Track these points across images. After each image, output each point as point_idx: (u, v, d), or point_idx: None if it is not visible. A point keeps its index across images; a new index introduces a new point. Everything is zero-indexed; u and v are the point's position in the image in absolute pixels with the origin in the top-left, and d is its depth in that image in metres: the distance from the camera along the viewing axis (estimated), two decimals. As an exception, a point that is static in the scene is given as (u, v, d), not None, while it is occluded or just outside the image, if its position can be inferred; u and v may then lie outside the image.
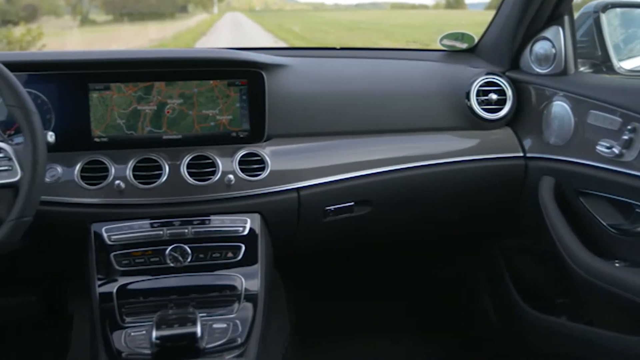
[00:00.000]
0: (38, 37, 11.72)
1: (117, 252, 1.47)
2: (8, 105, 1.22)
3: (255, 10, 34.42)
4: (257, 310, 1.43)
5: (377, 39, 17.44)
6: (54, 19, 20.54)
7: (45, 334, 2.14)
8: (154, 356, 1.26)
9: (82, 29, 19.19)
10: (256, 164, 1.56)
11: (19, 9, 18.10)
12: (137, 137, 1.57)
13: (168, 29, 20.06)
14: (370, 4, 34.71)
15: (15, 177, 1.20)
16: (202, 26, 22.02)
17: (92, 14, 22.36)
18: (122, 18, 21.34)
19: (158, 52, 1.71)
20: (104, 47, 12.91)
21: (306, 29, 22.42)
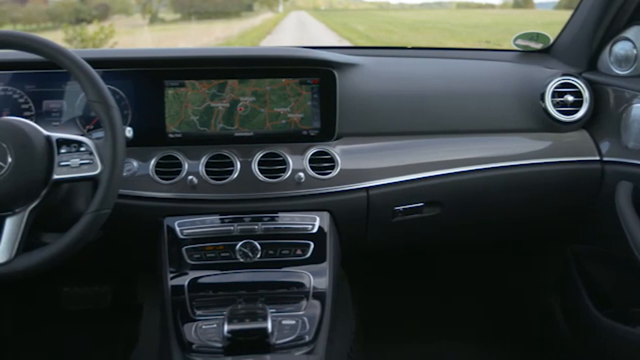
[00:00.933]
0: (110, 35, 12.03)
1: (188, 246, 1.50)
2: (90, 101, 1.26)
3: (319, 9, 34.51)
4: (325, 308, 1.44)
5: (442, 38, 17.23)
6: (125, 17, 21.08)
7: (117, 324, 2.21)
8: (225, 349, 1.28)
9: (152, 27, 19.62)
10: (326, 163, 1.57)
11: (91, 7, 18.66)
12: (210, 133, 1.60)
13: (234, 27, 20.33)
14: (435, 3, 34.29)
15: (95, 170, 1.23)
16: (267, 25, 22.23)
17: (161, 13, 22.84)
18: (190, 17, 21.71)
19: (232, 50, 1.74)
20: (172, 45, 13.17)
21: (370, 28, 22.34)
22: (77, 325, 2.23)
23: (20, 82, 1.57)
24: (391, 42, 17.01)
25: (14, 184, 1.20)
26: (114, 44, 11.45)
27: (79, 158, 1.24)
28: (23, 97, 1.57)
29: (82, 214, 1.25)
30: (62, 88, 1.59)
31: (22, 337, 2.19)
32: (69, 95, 1.58)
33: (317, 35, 19.24)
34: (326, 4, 36.00)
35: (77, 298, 2.21)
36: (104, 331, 2.20)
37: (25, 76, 1.58)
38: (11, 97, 1.56)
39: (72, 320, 2.24)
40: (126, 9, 21.99)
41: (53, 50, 1.25)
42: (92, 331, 2.21)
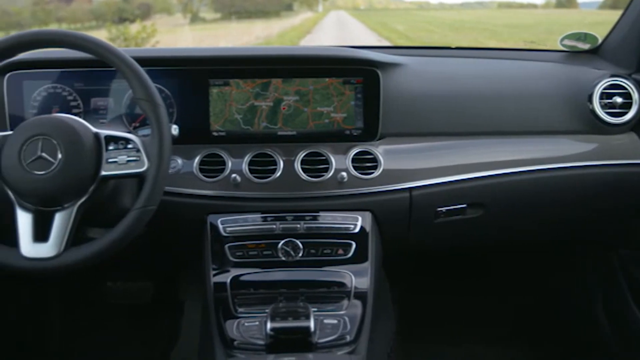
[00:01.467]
0: (152, 34, 12.20)
1: (231, 243, 1.51)
2: (137, 99, 1.28)
3: (359, 9, 34.48)
4: (367, 308, 1.44)
5: (483, 38, 17.06)
6: (166, 16, 21.34)
7: (158, 319, 2.24)
8: (267, 347, 1.29)
9: (193, 27, 19.83)
10: (369, 162, 1.56)
11: (134, 7, 18.94)
12: (253, 132, 1.61)
13: (274, 26, 20.42)
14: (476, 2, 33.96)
15: (142, 167, 1.25)
16: (306, 24, 22.29)
17: (202, 12, 23.07)
18: (230, 16, 21.89)
19: (276, 50, 1.75)
20: (212, 44, 13.29)
21: (410, 27, 22.24)
22: (120, 319, 2.27)
23: (69, 79, 1.60)
24: (431, 42, 16.90)
25: (63, 180, 1.22)
26: (156, 42, 11.61)
27: (126, 155, 1.26)
28: (72, 95, 1.60)
29: (128, 210, 1.27)
30: (109, 86, 1.61)
31: (67, 329, 2.24)
32: (116, 93, 1.61)
33: (357, 35, 19.22)
34: (366, 4, 35.94)
35: (120, 293, 2.25)
36: (145, 326, 2.24)
37: (74, 74, 1.61)
38: (60, 95, 1.60)
39: (115, 314, 2.28)
40: (168, 8, 22.26)
41: (103, 48, 1.27)
42: (134, 325, 2.25)
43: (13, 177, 1.23)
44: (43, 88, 1.60)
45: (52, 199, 1.24)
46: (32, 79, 1.60)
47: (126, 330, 2.25)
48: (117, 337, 2.24)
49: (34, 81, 1.60)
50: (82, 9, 20.89)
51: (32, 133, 1.24)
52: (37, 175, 1.22)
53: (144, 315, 2.27)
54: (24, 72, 1.59)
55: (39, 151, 1.23)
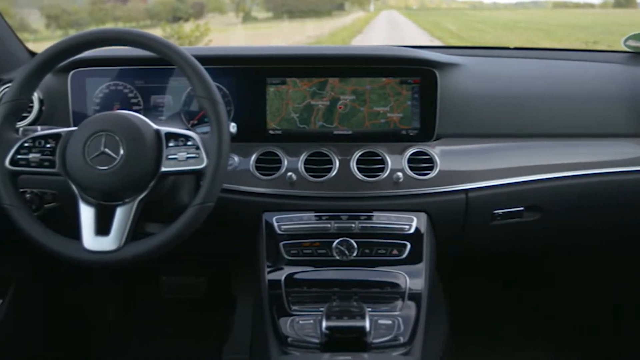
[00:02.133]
0: (205, 32, 12.34)
1: (285, 241, 1.52)
2: (198, 97, 1.29)
3: (411, 8, 34.28)
4: (421, 310, 1.43)
5: (537, 38, 16.78)
6: (219, 15, 21.61)
7: (211, 314, 2.27)
8: (322, 345, 1.29)
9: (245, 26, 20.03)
10: (425, 163, 1.55)
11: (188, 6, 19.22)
12: (309, 131, 1.62)
13: (325, 26, 20.48)
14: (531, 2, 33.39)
15: (201, 164, 1.26)
16: (358, 24, 22.27)
17: (254, 11, 23.30)
18: (282, 15, 22.03)
19: (334, 49, 1.75)
20: (264, 43, 13.39)
21: (462, 27, 22.01)
22: (174, 313, 2.31)
23: (130, 77, 1.64)
24: (483, 42, 16.69)
25: (125, 175, 1.25)
26: (209, 41, 11.74)
27: (186, 152, 1.27)
28: (133, 92, 1.63)
29: (184, 207, 1.29)
30: (169, 83, 1.64)
31: (122, 322, 2.29)
32: (175, 90, 1.64)
33: (408, 35, 19.13)
34: (418, 3, 35.70)
35: (175, 287, 2.29)
36: (198, 320, 2.27)
37: (135, 72, 1.64)
38: (122, 92, 1.63)
39: (169, 308, 2.32)
40: (220, 7, 22.53)
41: (166, 47, 1.29)
42: (187, 320, 2.28)
43: (77, 171, 1.26)
44: (105, 85, 1.63)
45: (113, 193, 1.27)
46: (94, 77, 1.64)
47: (180, 324, 2.29)
48: (170, 331, 2.28)
49: (97, 78, 1.64)
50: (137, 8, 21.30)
51: (95, 129, 1.27)
52: (99, 170, 1.24)
53: (197, 310, 2.31)
54: (87, 70, 1.63)
55: (102, 147, 1.25)
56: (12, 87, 1.31)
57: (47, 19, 18.07)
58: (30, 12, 15.65)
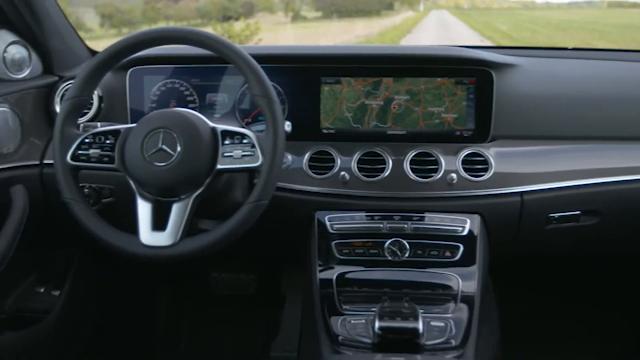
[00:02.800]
0: (255, 31, 12.44)
1: (337, 240, 1.51)
2: (254, 95, 1.30)
3: (461, 8, 33.91)
4: (474, 313, 1.41)
5: (591, 39, 16.42)
6: (268, 15, 21.77)
7: (260, 311, 2.29)
8: (374, 346, 1.28)
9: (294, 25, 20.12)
10: (479, 165, 1.53)
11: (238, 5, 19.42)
12: (363, 130, 1.61)
13: (374, 25, 20.43)
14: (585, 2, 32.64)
15: (256, 162, 1.27)
16: (407, 23, 22.15)
17: (303, 11, 23.40)
18: (331, 14, 22.08)
19: (388, 49, 1.74)
20: (313, 42, 13.43)
21: (513, 27, 21.69)
22: (223, 309, 2.33)
23: (186, 75, 1.66)
24: (536, 42, 16.41)
25: (181, 172, 1.26)
26: (259, 40, 11.83)
27: (242, 150, 1.28)
28: (189, 90, 1.65)
29: (238, 204, 1.30)
30: (224, 82, 1.66)
31: (173, 316, 2.33)
32: (230, 88, 1.65)
33: (458, 35, 18.94)
34: (468, 3, 35.31)
35: (225, 283, 2.31)
36: (247, 317, 2.29)
37: (191, 70, 1.66)
38: (178, 90, 1.66)
39: (219, 304, 2.35)
40: (270, 6, 22.70)
41: (223, 45, 1.30)
42: (236, 316, 2.31)
43: (135, 167, 1.29)
44: (162, 83, 1.66)
45: (170, 189, 1.28)
46: (152, 75, 1.67)
47: (229, 320, 2.31)
48: (220, 326, 2.31)
49: (154, 76, 1.67)
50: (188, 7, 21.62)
51: (154, 126, 1.29)
52: (157, 167, 1.26)
53: (247, 306, 2.33)
54: (144, 68, 1.66)
55: (160, 143, 1.27)
56: (74, 84, 1.34)
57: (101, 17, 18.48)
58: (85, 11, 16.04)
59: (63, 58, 1.76)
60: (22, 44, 1.67)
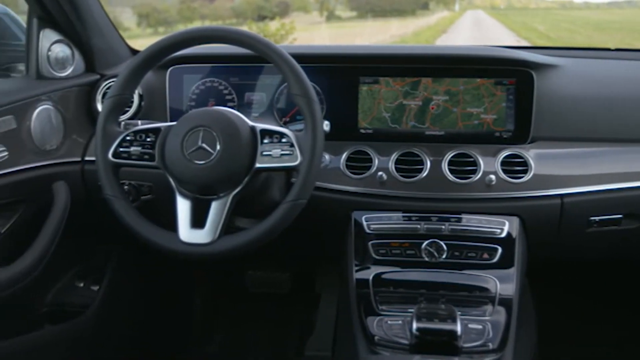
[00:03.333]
0: (290, 31, 12.50)
1: (374, 241, 1.51)
2: (293, 94, 1.30)
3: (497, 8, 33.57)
4: (512, 317, 1.39)
5: (632, 40, 16.14)
6: (303, 14, 21.83)
7: (294, 309, 2.29)
8: (411, 347, 1.27)
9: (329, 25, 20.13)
10: (519, 166, 1.51)
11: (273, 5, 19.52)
12: (401, 131, 1.61)
13: (409, 25, 20.35)
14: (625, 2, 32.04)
15: (295, 161, 1.27)
16: (442, 23, 22.00)
17: (337, 10, 23.41)
18: (366, 14, 22.05)
19: (428, 49, 1.73)
20: (347, 41, 13.42)
21: (551, 27, 21.41)
22: (258, 307, 2.35)
23: (225, 74, 1.67)
24: (574, 42, 16.17)
25: (220, 170, 1.27)
26: (293, 39, 11.87)
27: (280, 149, 1.28)
28: (227, 89, 1.67)
29: (275, 203, 1.30)
30: (262, 81, 1.67)
31: (209, 312, 2.35)
32: (268, 88, 1.66)
33: (494, 35, 18.77)
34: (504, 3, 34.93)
35: (260, 282, 2.33)
36: (282, 315, 2.30)
37: (230, 69, 1.68)
38: (217, 88, 1.67)
39: (254, 302, 2.36)
40: (305, 6, 22.77)
41: (263, 45, 1.31)
42: (271, 314, 2.32)
43: (175, 165, 1.30)
44: (201, 82, 1.68)
45: (209, 187, 1.29)
46: (191, 73, 1.68)
47: (264, 318, 2.32)
48: (254, 324, 2.32)
49: (193, 75, 1.68)
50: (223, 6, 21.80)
51: (194, 124, 1.30)
52: (196, 165, 1.27)
53: (281, 305, 2.34)
54: (184, 67, 1.68)
55: (200, 142, 1.28)
56: (116, 83, 1.36)
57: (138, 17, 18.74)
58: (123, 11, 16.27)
59: (105, 57, 1.79)
60: (66, 43, 1.70)
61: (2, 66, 1.73)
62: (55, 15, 1.64)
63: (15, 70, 1.75)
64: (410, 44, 11.40)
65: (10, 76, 1.74)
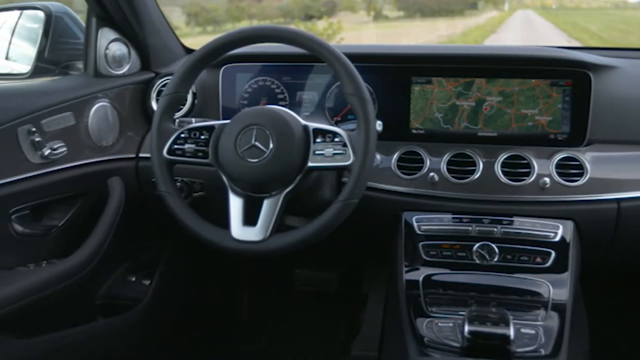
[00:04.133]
0: (338, 30, 12.48)
1: (425, 242, 1.50)
2: (347, 94, 1.30)
3: (547, 7, 32.95)
4: (565, 322, 1.36)
5: (690, 40, 15.66)
6: (350, 14, 21.81)
7: (341, 309, 2.29)
8: (463, 350, 1.26)
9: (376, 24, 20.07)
10: (574, 169, 1.48)
11: (320, 4, 19.56)
12: (453, 131, 1.59)
13: (457, 25, 20.13)
14: (684, 1, 31.11)
15: (347, 161, 1.27)
16: (491, 23, 21.71)
17: (385, 10, 23.31)
18: (414, 14, 21.93)
19: (482, 49, 1.72)
20: (395, 41, 13.36)
21: (603, 27, 20.89)
22: (305, 305, 2.35)
23: (277, 73, 1.69)
24: (627, 43, 15.77)
25: (273, 169, 1.28)
26: (341, 39, 11.85)
27: (333, 148, 1.28)
28: (279, 88, 1.68)
29: (326, 202, 1.30)
30: (314, 80, 1.67)
31: (256, 309, 2.37)
32: (320, 87, 1.67)
33: (544, 35, 18.42)
34: (556, 3, 34.29)
35: (307, 280, 2.33)
36: (328, 314, 2.30)
37: (282, 68, 1.69)
38: (269, 87, 1.68)
39: (301, 301, 2.37)
40: (352, 5, 22.75)
41: (317, 44, 1.31)
42: (317, 313, 2.32)
43: (228, 163, 1.31)
44: (253, 80, 1.69)
45: (261, 186, 1.30)
46: (244, 72, 1.70)
47: (310, 317, 2.33)
48: (301, 322, 2.33)
49: (246, 74, 1.70)
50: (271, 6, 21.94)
51: (247, 123, 1.31)
52: (249, 163, 1.28)
53: (328, 304, 2.34)
54: (237, 65, 1.70)
55: (253, 140, 1.29)
56: (172, 81, 1.38)
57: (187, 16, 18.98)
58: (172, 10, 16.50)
59: (159, 55, 1.82)
60: (123, 42, 1.73)
61: (61, 64, 1.77)
62: (114, 15, 1.67)
63: (74, 68, 1.79)
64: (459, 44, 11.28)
65: (69, 74, 1.78)
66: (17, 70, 1.79)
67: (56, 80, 1.69)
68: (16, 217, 1.45)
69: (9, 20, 1.85)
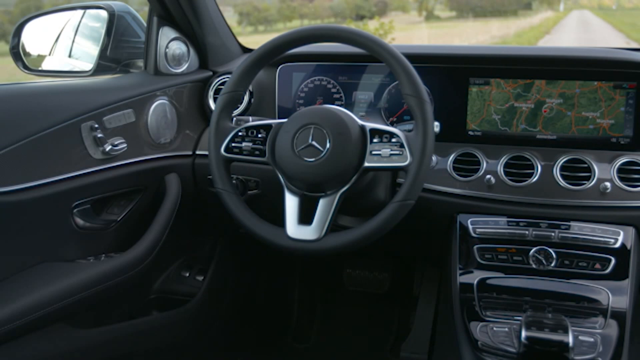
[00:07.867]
0: (389, 30, 12.44)
1: (480, 245, 1.48)
2: (405, 94, 1.29)
3: (605, 8, 32.17)
4: (625, 331, 1.33)
5: None
6: (401, 14, 21.71)
7: (392, 310, 2.28)
8: (519, 355, 1.24)
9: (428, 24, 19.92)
10: (637, 174, 1.44)
11: (371, 4, 19.52)
12: (511, 134, 1.57)
13: (510, 26, 19.84)
14: None
15: (404, 162, 1.26)
16: (546, 24, 21.31)
17: (436, 10, 23.12)
18: (466, 14, 21.67)
19: (542, 50, 1.68)
20: (447, 42, 13.24)
21: (664, 29, 20.29)
22: (355, 305, 2.35)
23: (333, 73, 1.69)
24: (689, 45, 15.30)
25: (329, 168, 1.28)
26: (392, 39, 11.81)
27: (390, 148, 1.28)
28: (335, 87, 1.68)
29: (380, 202, 1.30)
30: (370, 80, 1.67)
31: (307, 308, 2.37)
32: (375, 87, 1.66)
33: (600, 36, 18.01)
34: (614, 3, 33.43)
35: (358, 280, 2.33)
36: (378, 315, 2.29)
37: (338, 68, 1.69)
38: (325, 87, 1.68)
39: (351, 300, 2.37)
40: (404, 6, 22.64)
41: (376, 44, 1.31)
42: (368, 313, 2.32)
43: (285, 161, 1.32)
44: (310, 80, 1.70)
45: (317, 185, 1.30)
46: (300, 71, 1.71)
47: (360, 317, 2.33)
48: (351, 322, 2.33)
49: (302, 73, 1.71)
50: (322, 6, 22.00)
51: (304, 122, 1.31)
52: (306, 162, 1.29)
53: (378, 304, 2.33)
54: (294, 65, 1.71)
55: (310, 139, 1.29)
56: (231, 79, 1.39)
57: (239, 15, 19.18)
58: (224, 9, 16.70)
59: (217, 54, 1.84)
60: (182, 40, 1.76)
61: (122, 62, 1.80)
62: (174, 14, 1.70)
63: (134, 66, 1.82)
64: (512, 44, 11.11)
65: (130, 72, 1.81)
66: (80, 67, 1.83)
67: (118, 78, 1.72)
68: (78, 211, 1.49)
69: (72, 19, 1.89)
